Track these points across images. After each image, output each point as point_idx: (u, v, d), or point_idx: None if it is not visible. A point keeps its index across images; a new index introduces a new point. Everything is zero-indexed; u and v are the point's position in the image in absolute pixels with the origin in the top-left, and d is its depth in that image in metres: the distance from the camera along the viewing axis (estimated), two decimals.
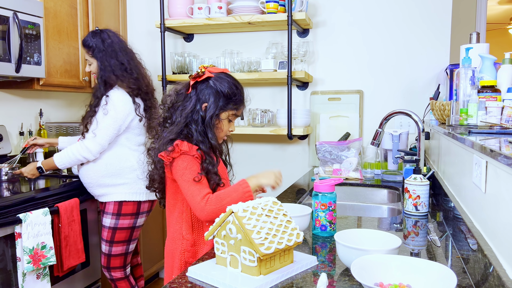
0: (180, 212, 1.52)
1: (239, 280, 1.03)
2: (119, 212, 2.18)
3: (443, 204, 1.66)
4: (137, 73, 2.19)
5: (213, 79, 1.49)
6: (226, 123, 1.53)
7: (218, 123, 1.51)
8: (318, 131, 2.86)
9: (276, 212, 1.14)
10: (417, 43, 2.70)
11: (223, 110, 1.49)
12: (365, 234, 1.18)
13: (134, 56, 2.26)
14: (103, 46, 2.14)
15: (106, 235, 2.20)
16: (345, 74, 2.84)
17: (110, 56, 2.14)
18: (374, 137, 2.08)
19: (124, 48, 2.20)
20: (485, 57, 1.53)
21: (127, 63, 2.17)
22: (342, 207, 1.99)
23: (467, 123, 1.48)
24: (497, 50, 2.20)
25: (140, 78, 2.20)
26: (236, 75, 2.74)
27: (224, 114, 1.51)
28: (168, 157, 1.42)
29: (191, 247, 1.50)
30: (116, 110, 2.09)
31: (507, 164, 0.83)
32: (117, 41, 2.19)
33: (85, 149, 2.08)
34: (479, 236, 1.06)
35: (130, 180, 2.16)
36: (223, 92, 1.48)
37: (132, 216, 2.20)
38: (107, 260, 2.23)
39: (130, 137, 2.19)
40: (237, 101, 1.52)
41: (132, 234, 2.23)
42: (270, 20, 2.65)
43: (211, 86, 1.48)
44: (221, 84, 1.49)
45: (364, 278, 0.91)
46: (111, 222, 2.18)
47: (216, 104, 1.47)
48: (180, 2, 2.83)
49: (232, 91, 1.50)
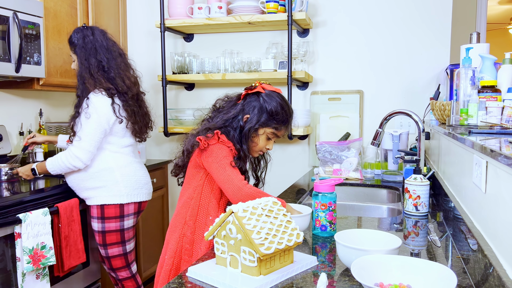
0: (189, 198, 1.57)
1: (239, 280, 1.03)
2: (103, 215, 2.13)
3: (443, 204, 1.66)
4: (114, 72, 2.11)
5: (264, 95, 1.56)
6: (263, 139, 1.58)
7: (254, 136, 1.56)
8: (318, 131, 2.86)
9: (276, 212, 1.14)
10: (418, 43, 2.70)
11: (262, 126, 1.55)
12: (365, 234, 1.18)
13: (120, 56, 2.17)
14: (83, 43, 2.09)
15: (98, 239, 2.17)
16: (345, 74, 2.84)
17: (89, 53, 2.08)
18: (374, 137, 2.08)
19: (107, 47, 2.12)
20: (485, 57, 1.53)
21: (105, 61, 2.09)
22: (342, 207, 1.99)
23: (467, 123, 1.47)
24: (497, 50, 2.20)
25: (116, 77, 2.11)
26: (236, 75, 2.75)
27: (262, 130, 1.56)
28: (205, 142, 1.48)
29: (191, 234, 1.53)
30: (98, 114, 2.03)
31: (507, 164, 0.82)
32: (100, 39, 2.12)
33: (75, 158, 2.02)
34: (479, 236, 1.06)
35: (108, 183, 2.11)
36: (267, 109, 1.54)
37: (116, 219, 2.14)
38: (108, 262, 2.21)
39: (112, 140, 2.13)
40: (279, 121, 1.56)
41: (123, 236, 2.18)
42: (270, 20, 2.65)
43: (259, 100, 1.56)
44: (269, 101, 1.55)
45: (364, 278, 0.91)
46: (98, 226, 2.15)
47: (257, 119, 1.54)
48: (180, 2, 2.83)
49: (276, 111, 1.55)
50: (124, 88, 2.12)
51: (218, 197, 1.57)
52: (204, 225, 1.54)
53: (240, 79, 2.78)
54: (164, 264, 1.56)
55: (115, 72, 2.11)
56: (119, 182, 2.12)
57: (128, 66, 2.21)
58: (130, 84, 2.15)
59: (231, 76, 2.76)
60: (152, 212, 2.97)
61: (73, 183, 2.15)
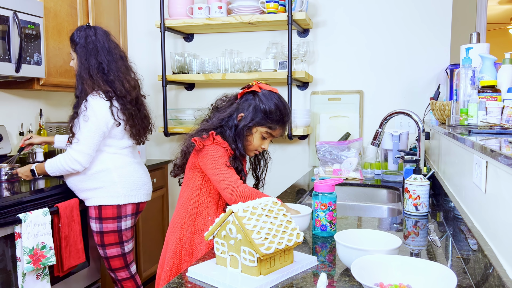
0: (187, 198, 1.57)
1: (239, 280, 1.03)
2: (100, 216, 2.13)
3: (443, 204, 1.66)
4: (113, 75, 2.10)
5: (260, 94, 1.56)
6: (257, 137, 1.57)
7: (249, 135, 1.56)
8: (318, 131, 2.86)
9: (276, 212, 1.14)
10: (418, 43, 2.70)
11: (256, 125, 1.55)
12: (365, 234, 1.18)
13: (121, 59, 2.16)
14: (85, 42, 2.08)
15: (96, 239, 2.17)
16: (345, 74, 2.84)
17: (90, 53, 2.07)
18: (374, 137, 2.08)
19: (108, 48, 2.12)
20: (485, 57, 1.53)
21: (106, 63, 2.08)
22: (342, 207, 1.99)
23: (467, 123, 1.47)
24: (497, 50, 2.20)
25: (116, 80, 2.09)
26: (236, 75, 2.75)
27: (256, 129, 1.56)
28: (200, 143, 1.49)
29: (190, 234, 1.54)
30: (97, 117, 2.02)
31: (507, 164, 0.82)
32: (103, 40, 2.11)
33: (74, 161, 2.02)
34: (479, 236, 1.06)
35: (106, 184, 2.10)
36: (261, 108, 1.54)
37: (114, 220, 2.14)
38: (107, 263, 2.21)
39: (110, 142, 2.12)
40: (273, 121, 1.55)
41: (121, 237, 2.17)
42: (270, 20, 2.65)
43: (254, 99, 1.55)
44: (265, 101, 1.54)
45: (364, 278, 0.91)
46: (96, 226, 2.15)
47: (251, 117, 1.53)
48: (180, 2, 2.83)
49: (271, 110, 1.54)
50: (123, 92, 2.10)
51: (216, 197, 1.58)
52: (203, 225, 1.54)
53: (240, 79, 2.78)
54: (165, 265, 1.56)
55: (115, 75, 2.10)
56: (117, 183, 2.11)
57: (128, 69, 2.20)
58: (129, 88, 2.13)
59: (231, 76, 2.76)
60: (152, 212, 2.97)
61: (72, 184, 2.15)
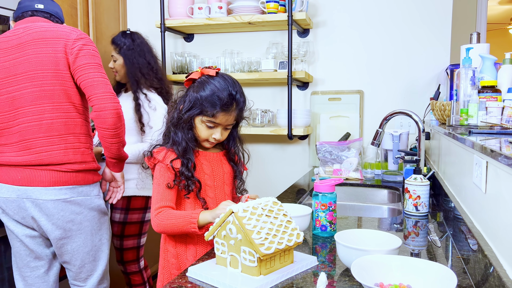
0: None
1: (239, 280, 1.03)
2: (128, 207, 2.24)
3: (444, 204, 1.66)
4: (161, 74, 2.35)
5: (198, 82, 1.43)
6: (202, 128, 1.42)
7: (193, 127, 1.43)
8: (318, 131, 2.86)
9: (276, 212, 1.14)
10: (417, 43, 2.70)
11: (193, 115, 1.40)
12: (365, 234, 1.18)
13: (159, 60, 2.43)
14: (133, 45, 2.30)
15: (116, 229, 2.26)
16: (346, 74, 2.84)
17: (138, 54, 2.29)
18: (374, 137, 2.08)
19: (150, 50, 2.36)
20: (486, 57, 1.53)
21: (153, 63, 2.32)
22: (342, 207, 1.99)
23: (468, 123, 1.47)
24: (497, 50, 2.20)
25: (164, 79, 2.35)
26: (236, 75, 2.74)
27: (198, 119, 1.42)
28: (150, 162, 1.44)
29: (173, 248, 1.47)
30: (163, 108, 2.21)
31: (508, 164, 0.82)
32: (146, 43, 2.36)
33: None
34: (479, 236, 1.06)
35: (139, 175, 2.20)
36: (194, 97, 1.39)
37: (140, 211, 2.26)
38: (120, 254, 2.30)
39: None
40: (210, 108, 1.38)
41: (142, 228, 2.30)
42: (270, 20, 2.65)
43: (192, 88, 1.43)
44: (202, 88, 1.40)
45: (364, 278, 0.91)
46: (119, 217, 2.24)
47: (186, 108, 1.40)
48: (180, 2, 2.83)
49: (205, 97, 1.38)
50: (168, 89, 2.35)
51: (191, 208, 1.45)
52: (184, 237, 1.44)
53: (240, 79, 2.78)
54: (157, 280, 1.52)
55: (162, 74, 2.37)
56: (149, 175, 2.16)
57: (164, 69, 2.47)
58: (169, 86, 2.39)
59: None
60: None
61: None
